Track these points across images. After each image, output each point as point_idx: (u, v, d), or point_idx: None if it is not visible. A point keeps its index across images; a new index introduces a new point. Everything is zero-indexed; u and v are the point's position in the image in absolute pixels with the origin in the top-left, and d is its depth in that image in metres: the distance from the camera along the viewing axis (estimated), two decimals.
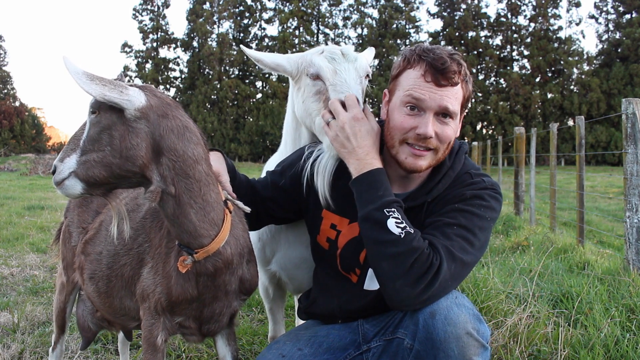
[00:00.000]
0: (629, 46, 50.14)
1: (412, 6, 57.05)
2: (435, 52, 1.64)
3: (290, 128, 2.15)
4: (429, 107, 1.62)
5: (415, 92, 1.63)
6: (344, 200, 1.82)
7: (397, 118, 1.67)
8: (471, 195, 1.67)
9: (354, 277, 1.83)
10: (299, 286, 2.26)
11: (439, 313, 1.49)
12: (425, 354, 1.52)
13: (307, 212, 1.94)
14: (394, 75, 1.73)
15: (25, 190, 15.07)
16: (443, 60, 1.60)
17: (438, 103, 1.62)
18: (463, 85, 1.67)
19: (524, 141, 9.57)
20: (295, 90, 2.04)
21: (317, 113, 1.88)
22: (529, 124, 48.06)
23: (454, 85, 1.63)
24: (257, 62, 2.05)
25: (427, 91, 1.62)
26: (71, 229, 2.14)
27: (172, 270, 1.63)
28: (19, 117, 58.47)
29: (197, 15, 56.83)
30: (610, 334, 2.75)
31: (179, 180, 1.47)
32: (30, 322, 3.38)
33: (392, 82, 1.75)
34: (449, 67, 1.60)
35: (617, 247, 6.52)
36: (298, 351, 1.78)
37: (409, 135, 1.65)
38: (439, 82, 1.61)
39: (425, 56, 1.63)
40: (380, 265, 1.54)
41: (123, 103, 1.40)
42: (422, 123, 1.63)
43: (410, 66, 1.66)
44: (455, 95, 1.65)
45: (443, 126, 1.65)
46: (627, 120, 4.39)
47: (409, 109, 1.65)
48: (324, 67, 1.88)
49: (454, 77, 1.62)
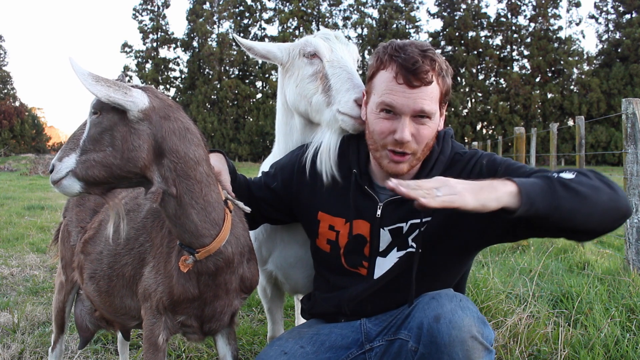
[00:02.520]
0: (629, 46, 50.14)
1: (412, 6, 57.04)
2: (407, 50, 1.60)
3: (282, 123, 2.14)
4: (403, 112, 1.61)
5: (387, 98, 1.61)
6: (338, 201, 1.83)
7: (375, 123, 1.67)
8: (487, 160, 1.70)
9: (362, 270, 1.82)
10: (294, 285, 2.26)
11: (444, 317, 1.49)
12: (429, 357, 1.51)
13: (302, 215, 1.94)
14: (369, 76, 1.72)
15: (25, 190, 15.07)
16: (414, 60, 1.57)
17: (412, 107, 1.60)
18: (439, 81, 1.63)
19: (524, 141, 9.57)
20: (287, 78, 2.04)
21: (314, 93, 1.89)
22: (529, 124, 48.03)
23: (428, 84, 1.59)
24: (248, 51, 2.07)
25: (399, 95, 1.60)
26: (70, 229, 2.14)
27: (173, 269, 1.63)
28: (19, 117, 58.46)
29: (197, 15, 56.83)
30: (610, 334, 2.75)
31: (180, 181, 1.47)
32: (30, 322, 3.38)
33: (368, 83, 1.73)
34: (421, 67, 1.56)
35: (617, 247, 6.52)
36: (300, 349, 1.78)
37: (388, 140, 1.65)
38: (411, 83, 1.58)
39: (396, 56, 1.60)
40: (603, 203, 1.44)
41: (127, 104, 1.40)
42: (399, 128, 1.61)
43: (383, 67, 1.64)
44: (431, 95, 1.61)
45: (420, 126, 1.63)
46: (627, 120, 4.39)
47: (384, 113, 1.64)
48: (320, 45, 1.91)
49: (426, 77, 1.58)
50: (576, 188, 1.41)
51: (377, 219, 1.76)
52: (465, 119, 53.00)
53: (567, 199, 1.40)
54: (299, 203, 1.92)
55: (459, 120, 52.19)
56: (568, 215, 1.40)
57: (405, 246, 1.75)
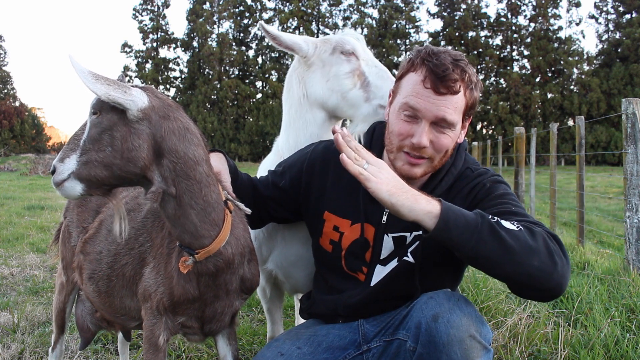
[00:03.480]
0: (629, 46, 50.14)
1: (412, 6, 57.07)
2: (440, 57, 1.59)
3: (293, 117, 2.13)
4: (424, 117, 1.60)
5: (411, 100, 1.61)
6: (345, 202, 1.82)
7: (395, 123, 1.67)
8: (491, 183, 1.68)
9: (360, 275, 1.82)
10: (295, 285, 2.26)
11: (442, 316, 1.49)
12: (427, 356, 1.51)
13: (308, 214, 1.94)
14: (399, 77, 1.71)
15: (25, 190, 15.07)
16: (444, 67, 1.56)
17: (435, 113, 1.59)
18: (466, 93, 1.62)
19: (524, 141, 9.58)
20: (310, 72, 2.08)
21: (350, 88, 2.00)
22: (529, 124, 48.06)
23: (454, 93, 1.58)
24: (273, 40, 2.08)
25: (424, 100, 1.59)
26: (70, 229, 2.13)
27: (173, 270, 1.63)
28: (19, 117, 58.47)
29: (197, 15, 56.84)
30: (610, 334, 2.75)
31: (180, 181, 1.47)
32: (30, 322, 3.38)
33: (396, 83, 1.73)
34: (450, 75, 1.56)
35: (617, 247, 6.52)
36: (297, 350, 1.78)
37: (405, 142, 1.65)
38: (438, 89, 1.57)
39: (428, 61, 1.59)
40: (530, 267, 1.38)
41: (126, 103, 1.40)
42: (417, 132, 1.61)
43: (414, 69, 1.64)
44: (455, 105, 1.60)
45: (439, 135, 1.62)
46: (627, 120, 4.40)
47: (406, 115, 1.64)
48: (357, 46, 2.03)
49: (454, 86, 1.57)
50: (504, 239, 1.37)
51: (382, 224, 1.76)
52: None
53: (487, 244, 1.37)
54: (307, 201, 1.92)
55: None
56: (483, 260, 1.39)
57: (404, 257, 1.75)
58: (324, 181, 1.88)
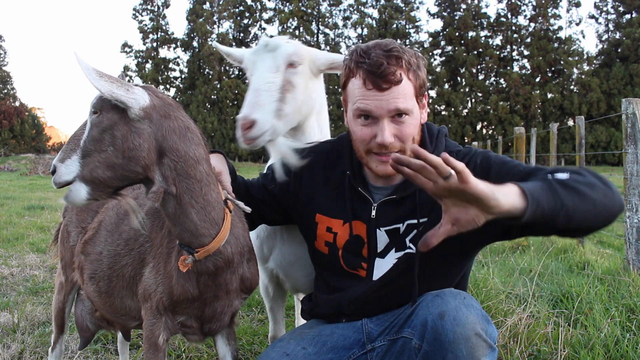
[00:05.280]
0: (629, 46, 50.14)
1: (412, 6, 57.03)
2: (371, 55, 1.60)
3: None
4: (380, 115, 1.62)
5: (361, 104, 1.63)
6: (335, 203, 1.84)
7: (356, 130, 1.69)
8: (482, 158, 1.69)
9: (361, 271, 1.83)
10: (294, 284, 2.27)
11: (448, 314, 1.49)
12: (433, 354, 1.51)
13: (300, 219, 1.95)
14: (343, 85, 1.73)
15: (25, 190, 15.07)
16: (379, 64, 1.58)
17: (387, 108, 1.61)
18: (410, 77, 1.63)
19: (524, 141, 9.58)
20: None
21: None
22: (529, 124, 48.02)
23: (397, 83, 1.59)
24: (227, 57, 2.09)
25: (372, 100, 1.61)
26: (69, 229, 2.14)
27: (173, 269, 1.63)
28: (19, 117, 58.44)
29: (197, 15, 56.85)
30: (610, 334, 2.75)
31: (181, 180, 1.47)
32: (30, 322, 3.38)
33: (343, 92, 1.75)
34: (386, 69, 1.57)
35: (617, 247, 6.52)
36: (302, 350, 1.78)
37: (371, 145, 1.66)
38: (381, 86, 1.59)
39: (362, 62, 1.61)
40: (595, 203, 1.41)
41: (129, 102, 1.40)
42: (378, 132, 1.63)
43: (352, 74, 1.66)
44: (403, 92, 1.61)
45: (400, 126, 1.64)
46: (627, 120, 4.40)
47: (363, 119, 1.66)
48: (246, 60, 1.91)
49: (394, 77, 1.58)
50: (575, 186, 1.41)
51: (372, 219, 1.77)
52: (465, 119, 53.01)
53: (568, 198, 1.38)
54: (297, 205, 1.93)
55: (459, 120, 52.20)
56: (572, 213, 1.39)
57: (403, 247, 1.76)
58: (313, 184, 1.89)
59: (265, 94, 1.80)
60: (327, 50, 12.54)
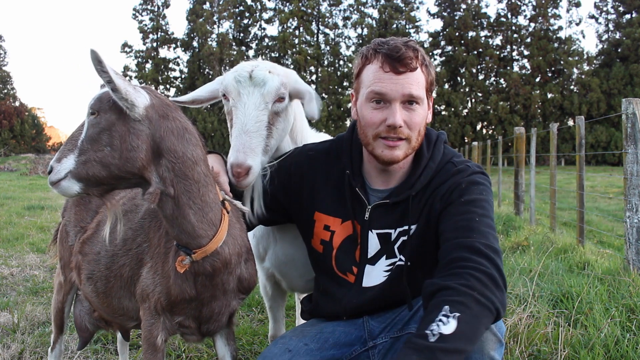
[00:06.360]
0: (629, 46, 50.14)
1: (412, 6, 57.02)
2: (389, 43, 1.67)
3: None
4: (393, 98, 1.64)
5: (376, 87, 1.65)
6: (335, 201, 1.84)
7: (366, 115, 1.70)
8: (467, 184, 1.68)
9: (350, 277, 1.83)
10: (290, 284, 2.29)
11: None
12: None
13: (299, 217, 1.95)
14: (356, 74, 1.76)
15: (25, 190, 15.08)
16: (398, 49, 1.63)
17: (401, 92, 1.64)
18: (423, 70, 1.68)
19: (524, 141, 9.57)
20: None
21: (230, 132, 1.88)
22: (529, 124, 48.03)
23: (413, 70, 1.65)
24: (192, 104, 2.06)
25: (388, 82, 1.64)
26: (68, 229, 2.13)
27: (170, 270, 1.63)
28: (19, 117, 58.44)
29: (197, 15, 56.84)
30: (610, 334, 2.75)
31: (178, 181, 1.47)
32: (30, 322, 3.38)
33: (355, 82, 1.78)
34: (404, 53, 1.63)
35: (617, 247, 6.52)
36: (304, 346, 1.79)
37: (381, 129, 1.67)
38: (397, 69, 1.63)
39: (381, 48, 1.66)
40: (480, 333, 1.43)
41: (136, 101, 1.41)
42: (390, 114, 1.65)
43: (369, 62, 1.69)
44: (417, 81, 1.66)
45: (410, 113, 1.67)
46: (627, 120, 4.39)
47: (375, 103, 1.67)
48: (229, 87, 1.87)
49: (411, 63, 1.63)
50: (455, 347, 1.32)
51: (366, 221, 1.78)
52: (465, 119, 52.98)
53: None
54: (297, 204, 1.93)
55: (459, 120, 52.16)
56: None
57: (392, 255, 1.77)
58: (313, 182, 1.90)
59: (255, 136, 1.80)
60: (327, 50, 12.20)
